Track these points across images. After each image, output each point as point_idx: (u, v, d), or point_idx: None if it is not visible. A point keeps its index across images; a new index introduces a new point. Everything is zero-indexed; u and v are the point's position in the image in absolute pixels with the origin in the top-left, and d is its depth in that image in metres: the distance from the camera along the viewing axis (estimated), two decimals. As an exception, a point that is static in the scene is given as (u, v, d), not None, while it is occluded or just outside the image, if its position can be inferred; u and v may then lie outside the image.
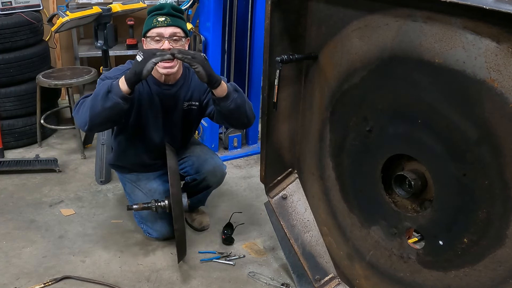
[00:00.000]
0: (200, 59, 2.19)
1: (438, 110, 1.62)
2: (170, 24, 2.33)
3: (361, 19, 1.80)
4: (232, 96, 2.32)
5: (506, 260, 1.56)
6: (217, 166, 2.70)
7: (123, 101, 2.18)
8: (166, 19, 2.33)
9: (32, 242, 2.67)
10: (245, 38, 3.51)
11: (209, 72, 2.21)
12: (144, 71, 2.13)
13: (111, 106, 2.18)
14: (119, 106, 2.19)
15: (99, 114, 2.21)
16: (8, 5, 3.59)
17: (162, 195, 2.62)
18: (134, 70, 2.15)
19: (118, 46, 4.00)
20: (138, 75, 2.15)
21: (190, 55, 2.19)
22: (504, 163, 1.49)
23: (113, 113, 2.21)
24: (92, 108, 2.21)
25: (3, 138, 3.59)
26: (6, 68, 3.55)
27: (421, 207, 1.84)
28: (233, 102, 2.33)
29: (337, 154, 2.08)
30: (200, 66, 2.17)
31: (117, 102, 2.17)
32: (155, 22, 2.33)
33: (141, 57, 2.15)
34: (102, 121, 2.26)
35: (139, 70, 2.13)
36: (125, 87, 2.17)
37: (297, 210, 2.32)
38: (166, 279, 2.42)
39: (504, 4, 1.33)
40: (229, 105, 2.32)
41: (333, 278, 2.25)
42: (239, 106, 2.36)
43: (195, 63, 2.17)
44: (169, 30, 2.32)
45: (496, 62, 1.43)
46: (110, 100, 2.17)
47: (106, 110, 2.19)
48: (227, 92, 2.30)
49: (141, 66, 2.13)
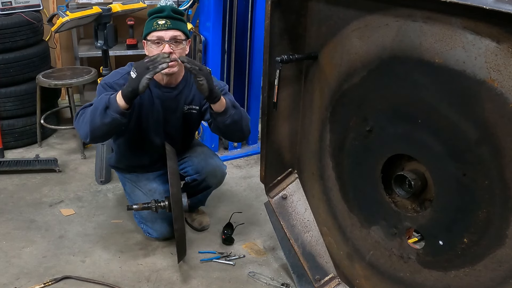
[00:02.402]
0: (206, 73, 2.21)
1: (438, 110, 1.62)
2: (171, 27, 2.32)
3: (361, 19, 1.80)
4: (230, 112, 2.35)
5: (506, 260, 1.56)
6: (217, 166, 2.70)
7: (121, 117, 2.20)
8: (166, 22, 2.32)
9: (32, 242, 2.67)
10: (245, 38, 3.51)
11: (211, 87, 2.23)
12: (140, 88, 2.14)
13: (110, 122, 2.20)
14: (118, 121, 2.20)
15: (99, 128, 2.23)
16: (8, 5, 3.59)
17: (162, 195, 2.62)
18: (130, 87, 2.16)
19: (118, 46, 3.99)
20: (134, 91, 2.15)
21: (198, 66, 2.21)
22: (504, 163, 1.49)
23: (112, 127, 2.24)
24: (92, 123, 2.23)
25: (3, 138, 3.59)
26: (6, 68, 3.55)
27: (421, 207, 1.84)
28: (230, 118, 2.35)
29: (337, 154, 2.08)
30: (205, 80, 2.19)
31: (115, 118, 2.19)
32: (155, 25, 2.32)
33: (135, 73, 2.15)
34: (102, 134, 2.29)
35: (135, 87, 2.14)
36: (123, 103, 2.18)
37: (297, 210, 2.32)
38: (166, 279, 2.42)
39: (504, 4, 1.33)
40: (225, 120, 2.35)
41: (333, 278, 2.25)
42: (236, 122, 2.38)
43: (201, 76, 2.19)
44: (169, 34, 2.31)
45: (496, 62, 1.43)
46: (108, 116, 2.18)
47: (105, 125, 2.21)
48: (225, 108, 2.33)
49: (136, 83, 2.13)
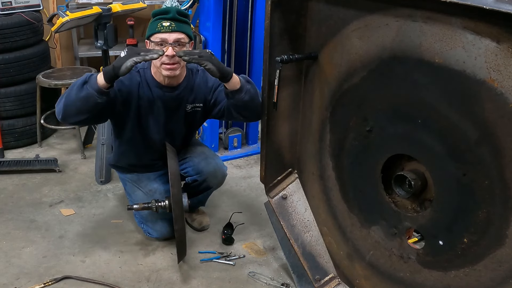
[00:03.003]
0: (207, 56, 2.17)
1: (438, 110, 1.62)
2: (175, 29, 2.30)
3: (361, 19, 1.80)
4: (246, 87, 2.31)
5: (506, 260, 1.56)
6: (218, 167, 2.70)
7: (97, 94, 2.13)
8: (171, 24, 2.29)
9: (32, 242, 2.67)
10: (245, 38, 3.51)
11: (219, 66, 2.19)
12: (122, 67, 2.08)
13: (84, 97, 2.13)
14: (93, 98, 2.14)
15: (73, 103, 2.16)
16: (8, 5, 3.59)
17: (163, 195, 2.62)
18: (113, 64, 2.11)
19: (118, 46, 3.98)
20: (116, 69, 2.09)
21: (196, 54, 2.18)
22: (504, 163, 1.49)
23: (86, 104, 2.16)
24: (67, 97, 2.18)
25: (3, 138, 3.59)
26: (6, 68, 3.55)
27: (421, 207, 1.84)
28: (247, 94, 2.31)
29: (337, 154, 2.08)
30: (209, 63, 2.16)
31: (91, 94, 2.13)
32: (160, 27, 2.29)
33: (125, 53, 2.12)
34: (75, 111, 2.19)
35: (117, 65, 2.09)
36: (102, 80, 2.13)
37: (297, 210, 2.32)
38: (166, 279, 2.42)
39: (504, 4, 1.33)
40: (243, 97, 2.30)
41: (333, 278, 2.25)
42: (253, 96, 2.33)
43: (204, 61, 2.15)
44: (173, 36, 2.29)
45: (496, 62, 1.43)
46: (84, 91, 2.13)
47: (80, 100, 2.14)
48: (240, 84, 2.29)
49: (121, 62, 2.08)
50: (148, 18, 2.47)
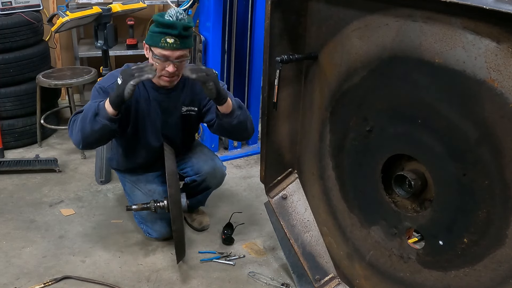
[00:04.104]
0: (214, 77, 2.20)
1: (438, 110, 1.62)
2: (179, 47, 2.23)
3: (361, 19, 1.80)
4: (236, 113, 2.36)
5: (506, 260, 1.56)
6: (217, 167, 2.70)
7: (110, 123, 2.22)
8: (175, 41, 2.20)
9: (32, 242, 2.67)
10: (245, 38, 3.51)
11: (219, 89, 2.23)
12: (125, 94, 2.15)
13: (100, 128, 2.22)
14: (107, 127, 2.23)
15: (90, 135, 2.26)
16: (8, 5, 3.59)
17: (162, 196, 2.62)
18: (116, 93, 2.17)
19: (118, 46, 3.99)
20: (120, 97, 2.17)
21: (204, 72, 2.19)
22: (504, 163, 1.49)
23: (103, 134, 2.27)
24: (83, 130, 2.26)
25: (3, 138, 3.59)
26: (6, 68, 3.55)
27: (421, 207, 1.84)
28: (236, 119, 2.36)
29: (337, 154, 2.08)
30: (213, 84, 2.19)
31: (104, 124, 2.21)
32: (164, 42, 2.20)
33: (121, 80, 2.17)
34: (95, 141, 2.34)
35: (120, 94, 2.16)
36: (111, 110, 2.20)
37: (297, 210, 2.32)
38: (166, 279, 2.42)
39: (504, 4, 1.33)
40: (231, 121, 2.36)
41: (333, 278, 2.25)
42: (241, 122, 2.40)
43: (210, 81, 2.18)
44: (176, 54, 2.24)
45: (496, 62, 1.43)
46: (98, 123, 2.21)
47: (96, 132, 2.24)
48: (232, 109, 2.34)
49: (121, 89, 2.15)
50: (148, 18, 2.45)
